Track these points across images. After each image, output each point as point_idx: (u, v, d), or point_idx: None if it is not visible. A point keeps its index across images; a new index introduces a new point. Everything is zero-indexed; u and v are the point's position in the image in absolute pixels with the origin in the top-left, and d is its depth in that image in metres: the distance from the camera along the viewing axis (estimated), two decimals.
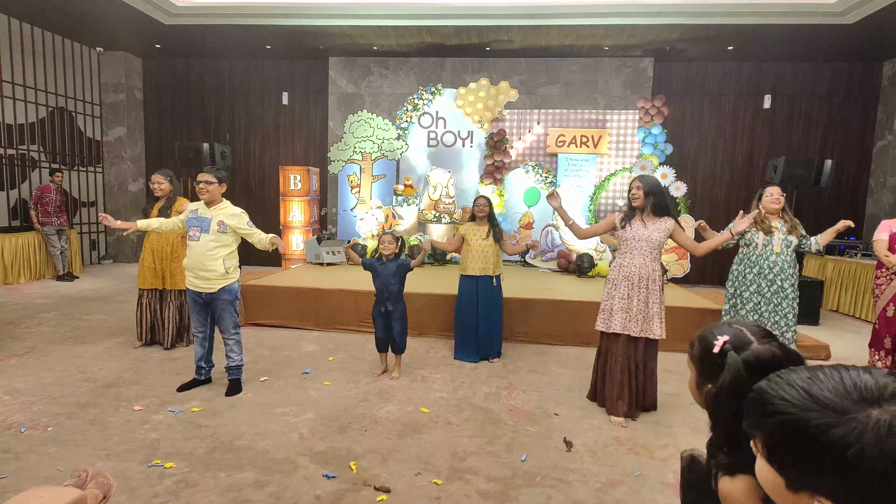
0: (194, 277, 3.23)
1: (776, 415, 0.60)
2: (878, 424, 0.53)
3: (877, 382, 0.57)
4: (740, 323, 0.94)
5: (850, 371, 0.60)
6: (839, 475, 0.54)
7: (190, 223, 3.26)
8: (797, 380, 0.61)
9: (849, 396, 0.56)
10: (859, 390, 0.56)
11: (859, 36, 6.66)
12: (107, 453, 2.49)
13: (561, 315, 4.70)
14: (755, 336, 0.90)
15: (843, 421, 0.54)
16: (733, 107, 8.08)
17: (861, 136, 7.98)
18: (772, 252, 3.51)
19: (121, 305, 5.58)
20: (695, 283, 7.56)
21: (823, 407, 0.56)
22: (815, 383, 0.59)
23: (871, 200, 7.98)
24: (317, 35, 7.38)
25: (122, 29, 7.48)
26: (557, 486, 2.36)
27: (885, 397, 0.55)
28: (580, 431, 2.90)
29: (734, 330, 0.92)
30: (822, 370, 0.61)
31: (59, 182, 7.16)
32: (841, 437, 0.54)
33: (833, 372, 0.60)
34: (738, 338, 0.90)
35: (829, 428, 0.55)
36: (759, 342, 0.89)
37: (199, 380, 3.39)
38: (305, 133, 8.76)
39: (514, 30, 6.96)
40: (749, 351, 0.87)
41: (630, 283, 3.07)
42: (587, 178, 7.63)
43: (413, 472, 2.41)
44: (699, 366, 0.95)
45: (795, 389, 0.60)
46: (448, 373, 3.82)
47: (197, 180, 3.24)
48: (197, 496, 2.17)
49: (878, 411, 0.54)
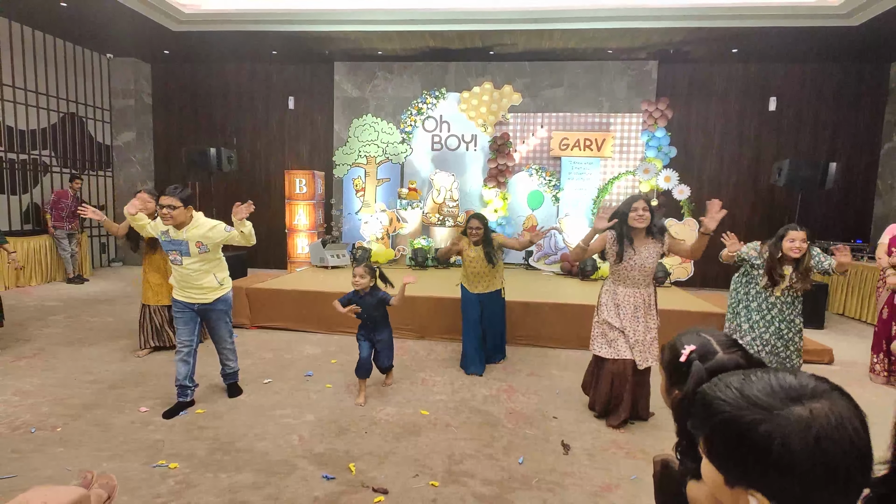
0: (183, 290, 3.08)
1: (715, 414, 0.63)
2: (800, 419, 0.57)
3: (800, 383, 0.61)
4: (709, 332, 0.96)
5: (779, 374, 0.64)
6: (768, 468, 0.58)
7: (166, 247, 3.04)
8: (733, 381, 0.65)
9: (776, 395, 0.60)
10: (784, 390, 0.61)
11: (865, 37, 6.61)
12: (111, 454, 2.54)
13: (562, 318, 4.71)
14: (721, 346, 0.93)
15: (770, 417, 0.59)
16: (739, 108, 8.04)
17: (869, 138, 7.91)
18: (772, 293, 3.12)
19: (127, 308, 5.66)
20: (699, 286, 7.52)
21: (753, 405, 0.60)
22: (747, 384, 0.63)
23: (879, 202, 7.90)
24: (322, 40, 7.46)
25: (131, 36, 7.60)
26: (554, 489, 2.37)
27: (806, 395, 0.60)
28: (578, 435, 2.91)
29: (702, 339, 0.94)
30: (755, 373, 0.65)
31: (78, 188, 7.30)
32: (768, 431, 0.58)
33: (764, 374, 0.64)
34: (704, 347, 0.93)
35: (758, 424, 0.59)
36: (724, 352, 0.91)
37: (184, 402, 3.09)
38: (310, 137, 8.84)
39: (518, 34, 6.99)
40: (714, 360, 0.90)
41: (622, 312, 3.01)
42: (591, 181, 7.63)
43: (411, 475, 2.44)
44: (668, 372, 0.98)
45: (731, 390, 0.64)
46: (448, 375, 3.84)
47: (160, 204, 2.91)
48: (197, 497, 2.21)
49: (800, 408, 0.58)
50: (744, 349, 0.95)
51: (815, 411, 0.58)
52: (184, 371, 3.08)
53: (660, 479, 0.97)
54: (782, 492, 0.58)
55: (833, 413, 0.58)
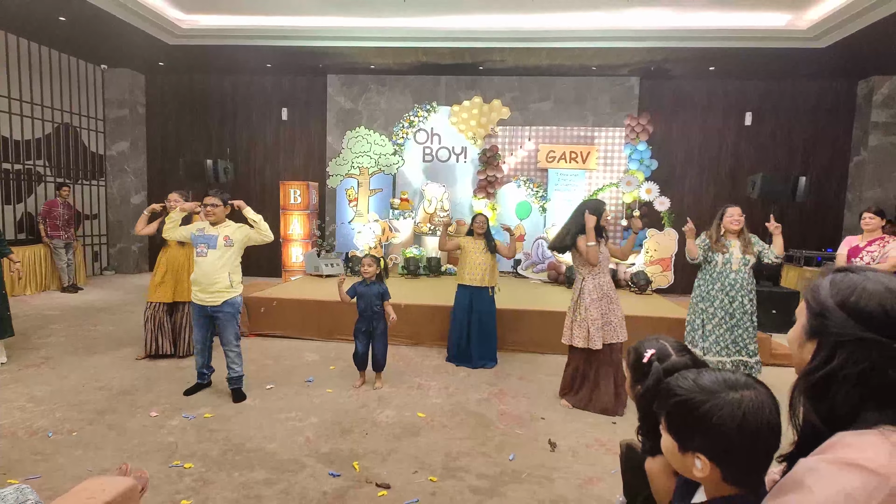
0: (200, 292, 3.45)
1: (674, 396, 0.88)
2: (733, 401, 0.82)
3: (736, 378, 0.86)
4: (665, 339, 1.21)
5: (724, 372, 0.89)
6: (710, 436, 0.83)
7: (197, 241, 3.49)
8: (690, 374, 0.90)
9: (718, 384, 0.85)
10: (725, 381, 0.85)
11: (832, 58, 7.02)
12: (129, 455, 2.70)
13: (550, 325, 4.93)
14: (674, 350, 1.18)
15: (713, 398, 0.83)
16: (717, 123, 8.43)
17: (840, 152, 8.34)
18: (731, 270, 3.68)
19: (127, 316, 5.78)
20: (681, 292, 7.83)
21: (702, 390, 0.85)
22: (700, 376, 0.88)
23: (849, 213, 8.31)
24: (316, 55, 7.68)
25: (126, 47, 7.73)
26: (542, 482, 2.60)
27: (739, 386, 0.84)
28: (564, 434, 3.14)
29: (659, 345, 1.19)
30: (707, 370, 0.91)
31: (66, 196, 7.37)
32: (710, 408, 0.83)
33: (713, 372, 0.90)
34: (661, 351, 1.18)
35: (704, 403, 0.83)
36: (676, 355, 1.16)
37: (202, 384, 3.67)
38: (305, 148, 9.03)
39: (507, 51, 7.28)
40: (669, 361, 1.15)
41: (608, 298, 3.50)
42: (576, 192, 7.93)
43: (410, 471, 2.64)
44: (632, 371, 1.23)
45: (688, 380, 0.89)
46: (443, 380, 4.05)
47: (204, 203, 3.49)
48: (214, 492, 2.39)
49: (734, 394, 0.83)
50: (692, 353, 1.20)
51: (744, 396, 0.82)
52: (200, 361, 3.62)
53: (625, 458, 1.21)
54: (718, 454, 0.83)
55: (756, 399, 0.82)
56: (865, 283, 0.81)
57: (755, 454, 0.81)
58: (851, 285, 0.82)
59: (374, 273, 3.77)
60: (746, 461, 0.82)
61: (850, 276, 0.84)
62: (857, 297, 0.80)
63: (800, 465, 0.76)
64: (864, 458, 0.70)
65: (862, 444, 0.73)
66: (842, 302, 0.81)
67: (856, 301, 0.80)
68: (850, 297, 0.81)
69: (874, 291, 0.80)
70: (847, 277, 0.84)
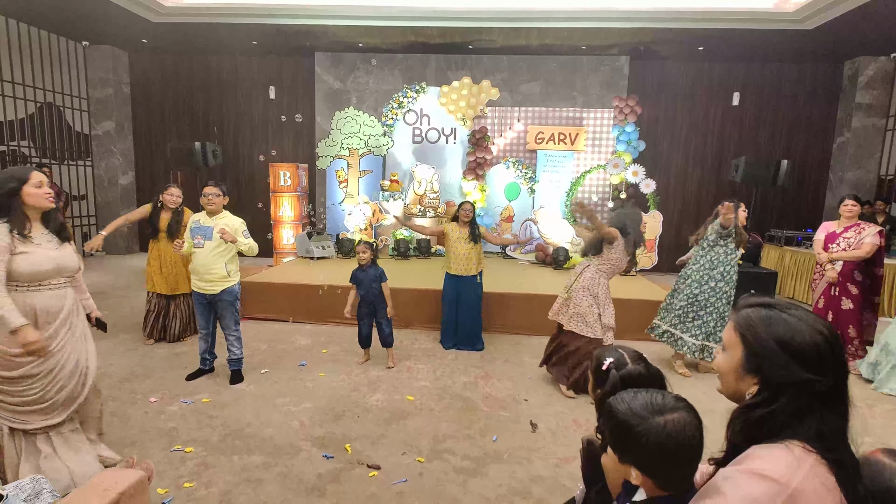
0: (199, 280, 3.60)
1: (613, 418, 1.01)
2: (658, 425, 0.96)
3: (664, 402, 1.00)
4: (623, 349, 1.35)
5: (655, 394, 1.02)
6: (640, 454, 0.98)
7: (194, 232, 3.59)
8: (626, 398, 1.04)
9: (647, 409, 0.99)
10: (654, 405, 0.99)
11: (819, 40, 7.07)
12: (132, 441, 2.85)
13: (535, 308, 5.11)
14: (631, 359, 1.31)
15: (642, 423, 0.97)
16: (704, 105, 8.49)
17: (822, 134, 8.47)
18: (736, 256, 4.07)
19: (121, 301, 5.87)
20: (665, 271, 8.04)
21: (634, 415, 0.99)
22: (634, 401, 1.02)
23: (830, 195, 8.51)
24: (302, 33, 7.57)
25: (108, 25, 7.57)
26: (522, 462, 2.79)
27: (666, 409, 0.98)
28: (544, 416, 3.34)
29: (618, 354, 1.33)
30: (641, 393, 1.04)
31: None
32: (641, 431, 0.97)
33: (647, 394, 1.03)
34: (619, 360, 1.31)
35: (635, 426, 0.98)
36: (632, 364, 1.30)
37: (203, 369, 3.82)
38: (293, 129, 8.98)
39: (496, 31, 7.23)
40: (625, 369, 1.29)
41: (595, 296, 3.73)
42: (565, 174, 8.02)
43: (399, 453, 2.83)
44: (594, 376, 1.37)
45: (624, 404, 1.02)
46: (431, 363, 4.23)
47: (204, 192, 3.57)
48: (216, 476, 2.55)
49: (660, 418, 0.97)
50: (646, 361, 1.34)
51: (668, 420, 0.97)
52: (203, 346, 3.78)
53: (585, 452, 1.37)
54: (647, 468, 0.99)
55: (679, 421, 0.97)
56: (798, 324, 0.92)
57: (678, 468, 0.97)
58: (787, 326, 0.92)
59: (369, 258, 3.98)
60: (671, 473, 0.98)
61: (781, 315, 0.95)
62: (793, 337, 0.91)
63: (719, 474, 0.92)
64: (769, 468, 0.86)
65: (770, 456, 0.88)
66: (782, 343, 0.91)
67: (794, 342, 0.90)
68: (789, 338, 0.91)
69: (804, 331, 0.91)
70: (778, 315, 0.95)
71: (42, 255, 2.19)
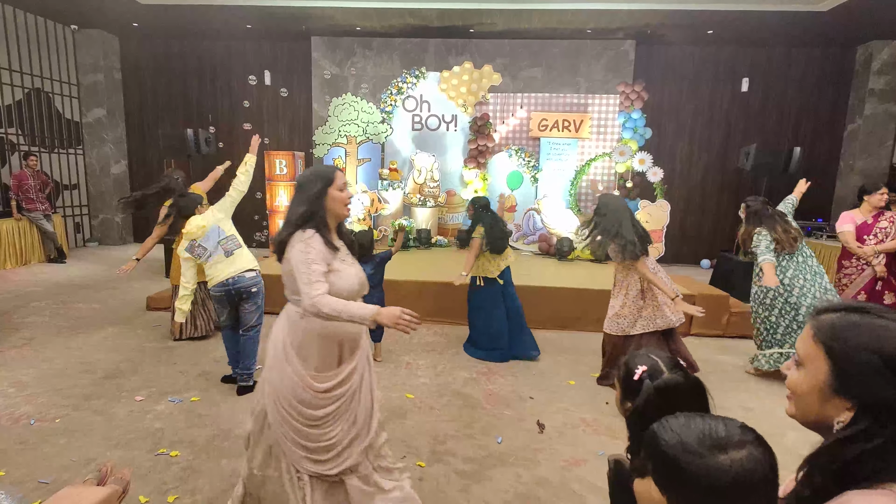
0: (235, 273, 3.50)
1: (659, 450, 0.81)
2: (722, 466, 0.74)
3: (727, 433, 0.77)
4: (656, 354, 1.16)
5: (712, 422, 0.80)
6: (693, 497, 0.77)
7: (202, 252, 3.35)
8: (676, 426, 0.81)
9: (704, 443, 0.77)
10: (712, 438, 0.77)
11: (833, 22, 6.82)
12: (115, 443, 2.69)
13: (539, 300, 4.95)
14: (666, 366, 1.13)
15: (700, 461, 0.75)
16: (711, 91, 8.24)
17: (832, 120, 8.24)
18: None
19: (112, 293, 5.70)
20: (671, 262, 7.86)
21: (687, 449, 0.77)
22: (686, 431, 0.80)
23: (840, 183, 8.30)
24: (298, 16, 7.31)
25: (97, 8, 7.30)
26: (527, 465, 2.64)
27: (730, 445, 0.76)
28: (550, 414, 3.18)
29: (651, 361, 1.14)
30: (695, 420, 0.81)
31: (34, 166, 7.05)
32: (697, 472, 0.75)
33: (700, 422, 0.81)
34: (653, 368, 1.13)
35: (689, 464, 0.76)
36: (669, 372, 1.11)
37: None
38: (290, 115, 8.74)
39: (497, 13, 6.98)
40: (661, 379, 1.10)
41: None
42: (569, 162, 7.80)
43: (399, 456, 2.66)
44: (622, 387, 1.18)
45: (674, 434, 0.80)
46: (430, 359, 4.06)
47: None
48: (201, 482, 2.40)
49: (723, 456, 0.75)
50: (684, 369, 1.15)
51: (734, 460, 0.74)
52: None
53: (613, 474, 1.19)
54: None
55: (748, 460, 0.74)
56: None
57: None
58: (890, 334, 0.73)
59: None
60: None
61: (878, 322, 0.75)
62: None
63: None
64: None
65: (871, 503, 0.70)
66: (887, 357, 0.72)
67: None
68: (893, 349, 0.72)
69: None
70: (875, 322, 0.76)
71: (351, 273, 1.84)
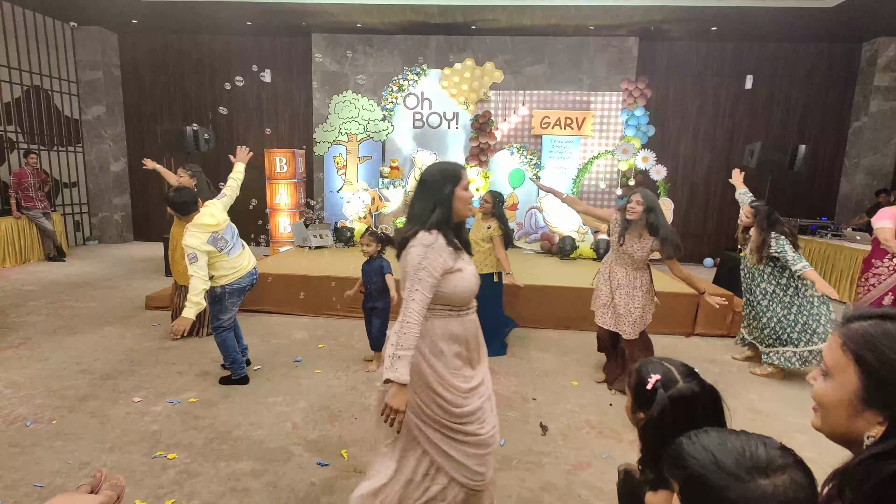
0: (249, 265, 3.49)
1: (689, 469, 0.73)
2: (763, 492, 0.67)
3: (767, 455, 0.70)
4: (670, 362, 1.10)
5: (750, 441, 0.72)
6: None
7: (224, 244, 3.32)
8: (709, 444, 0.74)
9: (743, 465, 0.69)
10: (752, 460, 0.69)
11: (838, 19, 6.74)
12: (110, 446, 2.64)
13: (542, 300, 4.90)
14: (681, 375, 1.06)
15: (737, 486, 0.68)
16: (715, 88, 8.17)
17: (838, 118, 8.16)
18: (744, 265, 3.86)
19: (111, 292, 5.65)
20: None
21: (723, 470, 0.70)
22: (721, 450, 0.72)
23: (844, 181, 8.22)
24: (298, 12, 7.24)
25: (96, 4, 7.25)
26: (531, 468, 2.58)
27: (771, 469, 0.68)
28: (554, 416, 3.12)
29: (664, 369, 1.08)
30: (729, 438, 0.74)
31: (35, 164, 7.01)
32: (735, 497, 0.67)
33: (736, 441, 0.73)
34: (667, 376, 1.06)
35: (724, 488, 0.68)
36: (683, 381, 1.05)
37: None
38: (290, 113, 8.68)
39: (499, 9, 6.90)
40: (675, 389, 1.04)
41: (611, 286, 3.41)
42: (571, 160, 7.73)
43: None
44: (634, 395, 1.12)
45: (706, 452, 0.73)
46: None
47: None
48: (199, 486, 2.34)
49: (764, 481, 0.67)
50: (699, 377, 1.09)
51: (776, 486, 0.67)
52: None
53: (622, 485, 1.13)
54: None
55: (791, 488, 0.67)
56: None
57: None
58: None
59: (374, 250, 3.64)
60: None
61: None
62: None
63: None
64: None
65: None
66: None
67: None
68: None
69: None
70: None
71: (472, 272, 1.81)
